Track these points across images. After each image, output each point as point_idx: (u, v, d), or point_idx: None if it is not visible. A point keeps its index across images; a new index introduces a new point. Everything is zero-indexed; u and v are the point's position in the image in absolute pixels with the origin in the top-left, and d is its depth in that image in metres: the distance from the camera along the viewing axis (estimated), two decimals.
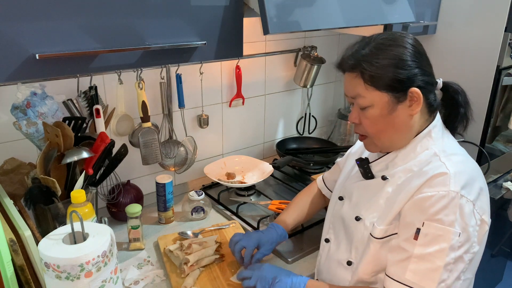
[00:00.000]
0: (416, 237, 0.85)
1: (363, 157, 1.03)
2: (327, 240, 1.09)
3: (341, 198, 1.07)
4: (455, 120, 0.99)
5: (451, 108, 0.99)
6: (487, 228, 0.89)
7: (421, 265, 0.84)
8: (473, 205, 0.85)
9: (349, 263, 1.00)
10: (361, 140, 1.00)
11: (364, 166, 1.00)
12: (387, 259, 0.91)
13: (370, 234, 0.93)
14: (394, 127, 0.91)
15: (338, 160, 1.27)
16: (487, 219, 0.89)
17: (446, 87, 0.98)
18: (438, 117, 0.96)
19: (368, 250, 0.94)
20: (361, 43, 0.92)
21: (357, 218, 0.98)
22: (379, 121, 0.91)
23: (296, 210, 1.26)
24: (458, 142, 1.00)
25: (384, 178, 0.96)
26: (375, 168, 1.00)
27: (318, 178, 1.33)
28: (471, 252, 0.86)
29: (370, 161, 1.01)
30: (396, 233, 0.90)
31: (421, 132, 0.94)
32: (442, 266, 0.82)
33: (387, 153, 0.98)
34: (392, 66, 0.87)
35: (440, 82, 0.97)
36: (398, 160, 0.95)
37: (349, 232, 1.00)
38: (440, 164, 0.88)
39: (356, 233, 0.98)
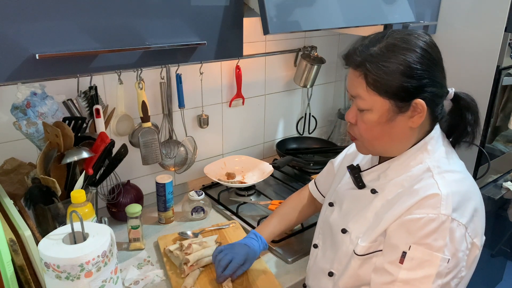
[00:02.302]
0: (401, 261, 0.80)
1: (356, 163, 0.99)
2: (315, 246, 1.06)
3: (331, 204, 1.03)
4: (459, 136, 0.93)
5: (458, 124, 0.92)
6: (478, 252, 0.84)
7: None
8: (465, 228, 0.79)
9: (330, 274, 0.97)
10: (352, 140, 0.94)
11: (355, 175, 0.95)
12: (371, 280, 0.87)
13: (353, 250, 0.90)
14: (390, 136, 0.86)
15: (333, 160, 1.21)
16: (479, 243, 0.84)
17: (457, 98, 0.90)
18: (437, 127, 0.90)
19: (349, 266, 0.90)
20: (373, 38, 0.84)
21: (344, 231, 0.93)
22: (376, 127, 0.85)
23: (281, 220, 1.21)
24: None
25: (373, 191, 0.91)
26: (366, 177, 0.95)
27: (311, 182, 1.29)
28: (458, 277, 0.81)
29: (362, 169, 0.96)
30: (379, 250, 0.86)
31: (417, 143, 0.88)
32: None
33: (380, 163, 0.94)
34: (399, 73, 0.80)
35: (451, 92, 0.89)
36: (390, 172, 0.90)
37: (335, 242, 0.97)
38: (432, 182, 0.82)
39: (341, 245, 0.94)
